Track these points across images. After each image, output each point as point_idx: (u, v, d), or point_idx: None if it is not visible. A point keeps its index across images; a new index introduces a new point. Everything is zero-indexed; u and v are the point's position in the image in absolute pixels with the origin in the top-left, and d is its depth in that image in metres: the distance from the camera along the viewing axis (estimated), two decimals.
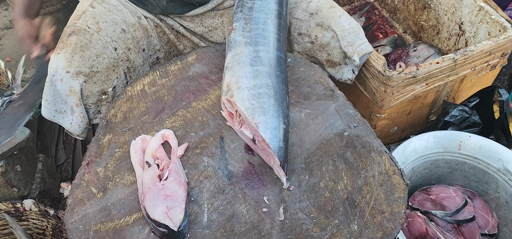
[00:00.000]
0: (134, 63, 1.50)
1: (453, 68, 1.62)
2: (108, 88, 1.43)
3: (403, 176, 1.11)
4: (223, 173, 1.12)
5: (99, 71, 1.39)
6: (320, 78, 1.37)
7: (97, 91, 1.41)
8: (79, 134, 1.44)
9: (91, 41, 1.37)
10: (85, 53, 1.35)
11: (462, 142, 1.59)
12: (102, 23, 1.41)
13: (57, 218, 1.48)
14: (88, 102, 1.41)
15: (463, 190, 1.62)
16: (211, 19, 1.56)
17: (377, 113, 1.70)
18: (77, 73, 1.34)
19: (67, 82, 1.34)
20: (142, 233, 1.01)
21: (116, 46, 1.43)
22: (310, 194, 1.07)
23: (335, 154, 1.16)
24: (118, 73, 1.45)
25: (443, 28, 2.05)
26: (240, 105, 1.13)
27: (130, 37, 1.47)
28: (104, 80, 1.42)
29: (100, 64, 1.39)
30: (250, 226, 1.02)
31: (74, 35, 1.36)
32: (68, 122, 1.41)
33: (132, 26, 1.47)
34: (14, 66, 2.31)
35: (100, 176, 1.13)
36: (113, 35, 1.42)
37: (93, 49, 1.37)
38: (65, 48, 1.34)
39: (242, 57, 1.23)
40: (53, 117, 1.40)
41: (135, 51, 1.50)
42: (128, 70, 1.49)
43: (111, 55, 1.41)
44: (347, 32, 1.48)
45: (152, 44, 1.58)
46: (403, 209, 1.05)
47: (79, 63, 1.34)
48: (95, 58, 1.37)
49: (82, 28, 1.38)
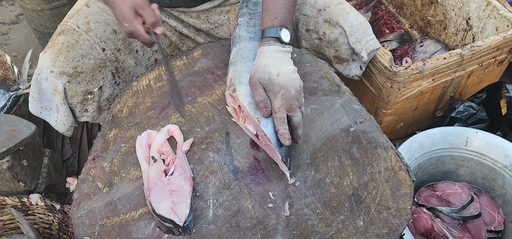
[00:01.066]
0: (123, 64, 1.51)
1: (460, 64, 1.61)
2: (93, 88, 1.44)
3: (409, 172, 1.10)
4: (228, 168, 1.12)
5: (84, 71, 1.39)
6: (326, 73, 1.36)
7: (82, 91, 1.42)
8: (65, 131, 1.46)
9: (78, 42, 1.38)
10: (70, 54, 1.36)
11: (468, 138, 1.58)
12: (93, 23, 1.42)
13: (63, 213, 1.49)
14: (73, 101, 1.42)
15: (469, 186, 1.61)
16: (217, 16, 1.56)
17: (383, 109, 1.69)
18: (61, 73, 1.35)
19: (51, 82, 1.35)
20: (147, 228, 1.01)
21: (105, 47, 1.43)
22: (316, 190, 1.07)
23: (341, 149, 1.15)
24: (105, 73, 1.46)
25: (450, 23, 2.03)
26: (242, 100, 1.12)
27: (121, 38, 1.47)
28: (89, 81, 1.42)
29: (85, 64, 1.39)
30: (255, 222, 1.01)
31: (62, 35, 1.38)
32: (54, 119, 1.43)
33: None
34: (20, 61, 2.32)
35: (106, 170, 1.13)
36: (102, 35, 1.43)
37: (79, 49, 1.38)
38: (52, 48, 1.36)
39: (246, 52, 1.23)
40: (40, 114, 1.43)
41: (125, 52, 1.50)
42: (117, 71, 1.49)
43: (98, 56, 1.42)
44: (355, 29, 1.47)
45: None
46: (409, 205, 1.04)
47: (63, 63, 1.35)
48: (80, 59, 1.38)
49: (71, 28, 1.39)
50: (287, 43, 1.13)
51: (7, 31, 2.87)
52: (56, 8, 2.37)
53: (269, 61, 1.08)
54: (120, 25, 1.18)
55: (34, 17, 2.42)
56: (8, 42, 2.78)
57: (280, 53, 1.10)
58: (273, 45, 1.11)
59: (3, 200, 1.47)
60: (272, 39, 1.12)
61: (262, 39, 1.15)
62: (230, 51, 1.32)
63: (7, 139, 1.45)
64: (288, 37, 1.13)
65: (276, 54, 1.10)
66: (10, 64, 2.05)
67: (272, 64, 1.08)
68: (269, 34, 1.13)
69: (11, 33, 2.85)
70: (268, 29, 1.14)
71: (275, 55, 1.09)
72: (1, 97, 1.95)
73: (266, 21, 1.16)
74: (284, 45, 1.12)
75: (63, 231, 1.56)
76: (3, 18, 2.95)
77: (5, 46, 2.75)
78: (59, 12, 2.39)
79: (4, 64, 2.10)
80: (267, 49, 1.11)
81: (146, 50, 1.58)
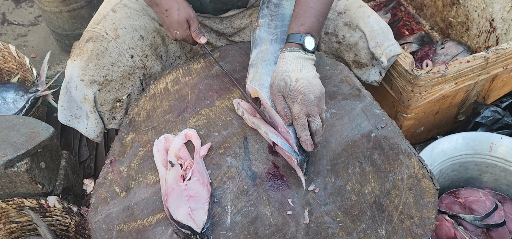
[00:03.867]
0: (150, 70, 1.49)
1: (484, 67, 1.56)
2: (122, 96, 1.43)
3: (433, 179, 1.07)
4: (246, 174, 1.10)
5: (114, 79, 1.38)
6: (346, 77, 1.33)
7: (111, 99, 1.41)
8: (95, 138, 1.46)
9: (107, 49, 1.36)
10: (100, 62, 1.34)
11: (493, 143, 1.53)
12: (121, 29, 1.40)
13: (80, 215, 1.49)
14: (103, 109, 1.42)
15: (493, 193, 1.56)
16: (240, 20, 1.54)
17: (403, 113, 1.65)
18: (91, 82, 1.34)
19: (82, 90, 1.34)
20: (165, 234, 0.99)
21: (133, 54, 1.42)
22: (336, 197, 1.04)
23: (362, 155, 1.12)
24: (134, 80, 1.45)
25: (472, 24, 1.98)
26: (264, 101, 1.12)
27: (148, 44, 1.46)
28: (119, 89, 1.41)
29: (115, 72, 1.38)
30: (274, 229, 0.99)
31: (91, 42, 1.36)
32: (84, 127, 1.43)
33: (152, 33, 1.46)
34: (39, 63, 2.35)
35: (123, 175, 1.12)
36: (130, 42, 1.41)
37: (109, 57, 1.36)
38: (81, 55, 1.34)
39: (267, 55, 1.21)
40: (69, 122, 1.42)
41: (152, 58, 1.49)
42: (144, 77, 1.48)
43: (127, 64, 1.40)
44: (376, 33, 1.44)
45: (171, 51, 1.56)
46: (434, 214, 1.01)
47: (94, 71, 1.33)
48: (110, 66, 1.36)
49: (99, 34, 1.37)
50: (310, 51, 1.10)
51: (26, 32, 2.90)
52: (74, 10, 2.39)
53: (288, 66, 1.06)
54: (167, 31, 1.32)
55: (52, 19, 2.44)
56: (27, 43, 2.82)
57: (302, 60, 1.08)
58: (295, 51, 1.09)
59: (22, 202, 1.48)
60: (295, 45, 1.10)
61: (285, 45, 1.13)
62: (249, 54, 1.30)
63: (26, 141, 1.46)
64: (312, 45, 1.11)
65: (297, 60, 1.07)
66: (29, 66, 2.07)
67: (292, 70, 1.05)
68: (292, 40, 1.11)
69: (30, 35, 2.88)
70: (293, 34, 1.12)
71: (296, 61, 1.07)
72: (20, 99, 1.97)
73: (292, 27, 1.14)
74: (307, 53, 1.10)
75: (80, 233, 1.57)
76: (22, 19, 2.99)
77: (24, 48, 2.78)
78: (77, 14, 2.41)
79: (23, 66, 2.12)
80: (288, 55, 1.09)
81: (170, 55, 1.57)
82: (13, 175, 1.43)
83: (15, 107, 1.93)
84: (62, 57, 2.66)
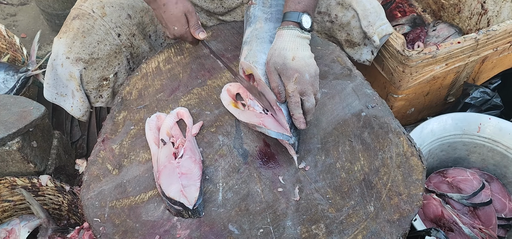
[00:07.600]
0: (138, 49, 1.49)
1: (474, 49, 1.57)
2: (109, 74, 1.43)
3: (421, 157, 1.09)
4: (238, 152, 1.11)
5: (100, 57, 1.38)
6: (338, 57, 1.34)
7: (98, 77, 1.41)
8: (80, 116, 1.46)
9: (93, 27, 1.35)
10: (86, 39, 1.34)
11: (481, 124, 1.55)
12: (108, 7, 1.39)
13: (72, 194, 1.49)
14: (89, 87, 1.42)
15: (480, 173, 1.59)
16: (231, 0, 1.53)
17: (394, 94, 1.67)
18: (77, 60, 1.33)
19: (67, 68, 1.34)
20: (157, 211, 1.01)
21: (120, 32, 1.41)
22: (326, 175, 1.06)
23: (352, 134, 1.14)
24: (120, 59, 1.44)
25: (464, 7, 1.98)
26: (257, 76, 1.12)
27: (135, 23, 1.45)
28: (105, 67, 1.41)
29: (101, 50, 1.38)
30: (265, 206, 1.01)
31: (77, 20, 1.35)
32: (69, 105, 1.43)
33: (140, 12, 1.45)
34: (29, 43, 2.32)
35: (116, 153, 1.13)
36: (117, 20, 1.40)
37: (95, 35, 1.36)
38: (67, 33, 1.33)
39: (262, 33, 1.21)
40: (55, 100, 1.42)
41: (140, 37, 1.48)
42: (131, 56, 1.48)
43: (113, 42, 1.40)
44: (368, 12, 1.44)
45: (161, 30, 1.55)
46: (421, 191, 1.03)
47: (79, 49, 1.33)
48: (96, 44, 1.36)
49: (86, 12, 1.36)
50: (307, 30, 1.11)
51: (16, 12, 2.86)
52: None
53: (286, 45, 1.07)
54: (165, 27, 1.24)
55: None
56: (16, 23, 2.78)
57: (299, 39, 1.09)
58: (292, 29, 1.09)
59: (14, 180, 1.48)
60: (292, 24, 1.11)
61: (283, 23, 1.13)
62: (242, 33, 1.30)
63: (17, 120, 1.45)
64: (308, 24, 1.12)
65: (294, 38, 1.08)
66: (19, 45, 2.05)
67: (289, 48, 1.06)
68: (290, 18, 1.12)
69: (19, 14, 2.85)
70: (290, 13, 1.12)
71: (293, 39, 1.08)
72: (11, 78, 1.95)
73: (289, 5, 1.14)
74: (303, 31, 1.10)
75: (73, 212, 1.58)
76: None
77: (13, 27, 2.75)
78: None
79: (13, 46, 2.09)
80: (286, 33, 1.09)
81: (159, 35, 1.56)
82: (5, 153, 1.42)
83: (5, 87, 1.92)
84: (53, 37, 2.62)
